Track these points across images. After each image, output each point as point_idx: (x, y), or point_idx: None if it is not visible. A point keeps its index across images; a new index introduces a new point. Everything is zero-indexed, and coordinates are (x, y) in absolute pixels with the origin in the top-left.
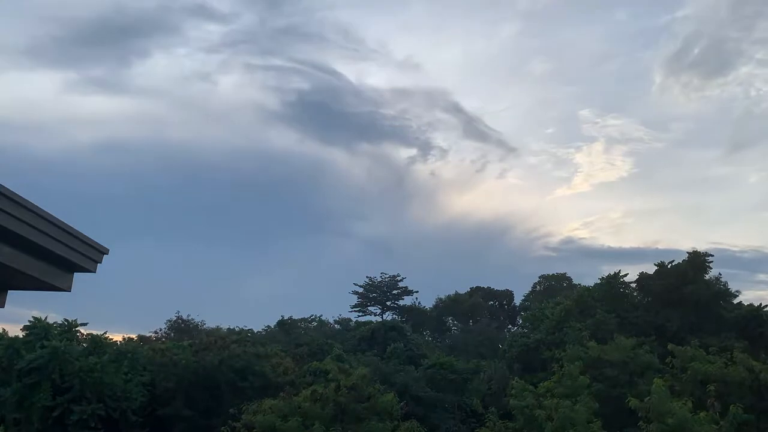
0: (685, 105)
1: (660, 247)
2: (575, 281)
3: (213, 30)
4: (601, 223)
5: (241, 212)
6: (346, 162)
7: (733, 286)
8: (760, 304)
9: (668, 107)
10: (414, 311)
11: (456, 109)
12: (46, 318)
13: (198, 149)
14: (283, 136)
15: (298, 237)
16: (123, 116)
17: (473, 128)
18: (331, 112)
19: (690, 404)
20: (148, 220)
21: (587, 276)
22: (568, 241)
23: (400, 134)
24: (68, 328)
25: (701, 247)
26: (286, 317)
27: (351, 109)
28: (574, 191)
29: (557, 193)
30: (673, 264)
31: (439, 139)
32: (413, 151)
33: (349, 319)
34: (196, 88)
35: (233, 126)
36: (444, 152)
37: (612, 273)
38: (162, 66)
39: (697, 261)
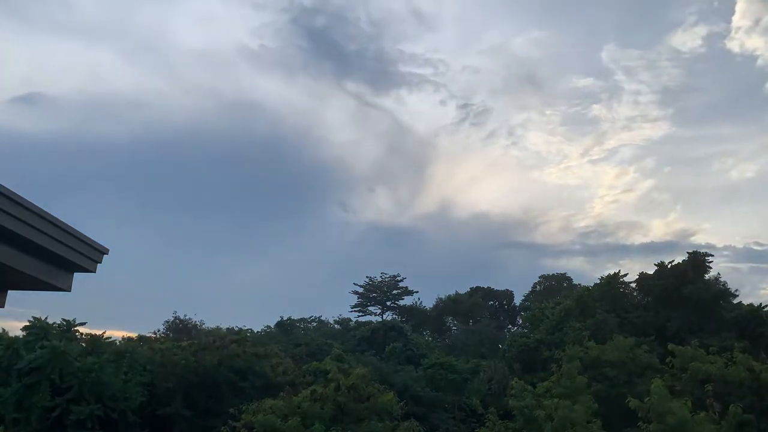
0: (752, 51)
1: (694, 240)
2: (580, 280)
3: None
4: (624, 203)
5: (222, 190)
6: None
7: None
8: (760, 304)
9: (727, 53)
10: (414, 311)
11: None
12: (46, 318)
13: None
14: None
15: (284, 227)
16: (44, 58)
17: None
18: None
19: (689, 404)
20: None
21: (605, 272)
22: (589, 232)
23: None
24: (67, 328)
25: (738, 243)
26: (285, 317)
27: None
28: (591, 158)
29: (564, 164)
30: (673, 264)
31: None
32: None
33: (349, 319)
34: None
35: (204, 70)
36: (486, 111)
37: (612, 273)
38: None
39: (697, 261)
